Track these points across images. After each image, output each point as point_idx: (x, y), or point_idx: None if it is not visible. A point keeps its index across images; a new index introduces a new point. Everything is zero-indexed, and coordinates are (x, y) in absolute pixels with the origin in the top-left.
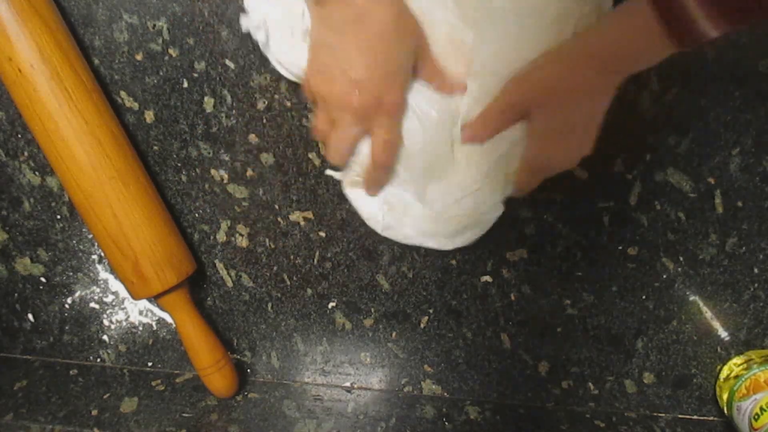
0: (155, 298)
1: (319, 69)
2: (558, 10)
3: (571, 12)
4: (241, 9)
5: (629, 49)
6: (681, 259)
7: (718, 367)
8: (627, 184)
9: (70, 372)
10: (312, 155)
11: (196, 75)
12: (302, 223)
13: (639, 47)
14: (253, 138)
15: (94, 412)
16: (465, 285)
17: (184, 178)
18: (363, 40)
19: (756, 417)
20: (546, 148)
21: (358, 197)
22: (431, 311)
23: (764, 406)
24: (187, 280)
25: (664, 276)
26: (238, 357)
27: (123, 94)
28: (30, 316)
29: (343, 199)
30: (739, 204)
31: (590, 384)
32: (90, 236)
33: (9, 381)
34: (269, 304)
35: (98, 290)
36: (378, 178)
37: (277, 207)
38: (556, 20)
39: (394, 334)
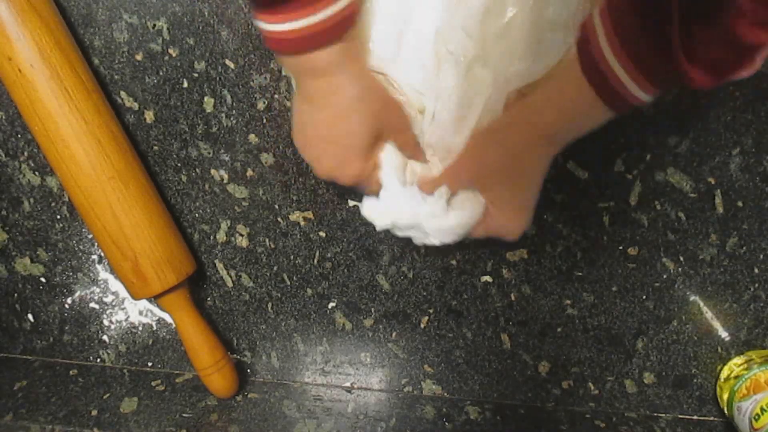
0: (155, 298)
1: (297, 131)
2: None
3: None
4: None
5: (566, 115)
6: (681, 259)
7: (719, 368)
8: (627, 184)
9: (70, 372)
10: None
11: (196, 75)
12: (302, 223)
13: (576, 114)
14: (253, 138)
15: (94, 413)
16: (465, 285)
17: (184, 178)
18: (324, 115)
19: (756, 417)
20: (497, 220)
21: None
22: (431, 311)
23: (765, 407)
24: (187, 280)
25: (665, 276)
26: (238, 357)
27: (123, 94)
28: (30, 316)
29: (343, 199)
30: (740, 204)
31: (590, 384)
32: (90, 236)
33: (9, 381)
34: (269, 304)
35: (98, 290)
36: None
37: (277, 207)
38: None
39: (394, 334)
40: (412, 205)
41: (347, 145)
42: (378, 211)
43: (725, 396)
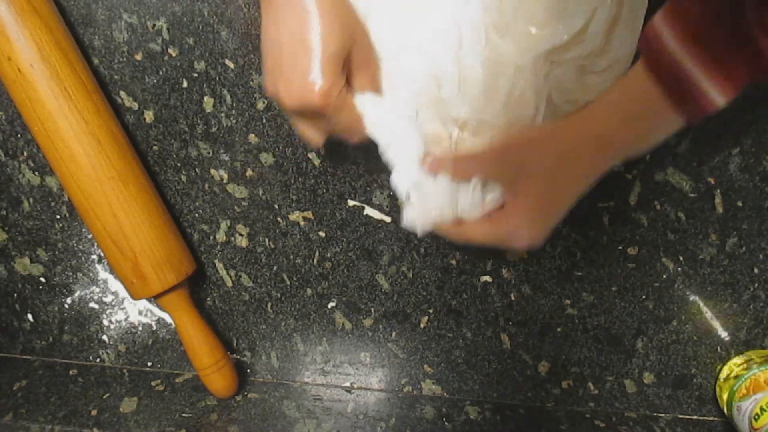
0: (155, 298)
1: (266, 60)
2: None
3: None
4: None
5: (632, 128)
6: (681, 259)
7: (718, 367)
8: (627, 184)
9: (70, 372)
10: (312, 155)
11: (195, 75)
12: (302, 223)
13: (644, 125)
14: (252, 138)
15: (94, 413)
16: (465, 285)
17: (183, 178)
18: (292, 28)
19: (756, 417)
20: (521, 222)
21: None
22: (431, 311)
23: (764, 406)
24: (186, 280)
25: (664, 276)
26: (238, 357)
27: (123, 94)
28: (29, 316)
29: (343, 199)
30: (739, 204)
31: (590, 384)
32: (90, 236)
33: (8, 381)
34: (269, 304)
35: (98, 290)
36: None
37: (277, 207)
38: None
39: (394, 334)
40: (450, 201)
41: (315, 54)
42: (418, 217)
43: (725, 396)
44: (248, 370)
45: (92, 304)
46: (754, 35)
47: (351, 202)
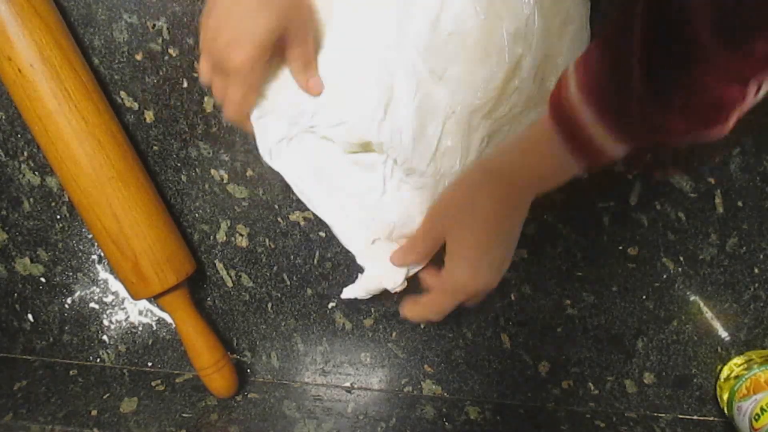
0: (155, 298)
1: (206, 8)
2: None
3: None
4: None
5: (535, 170)
6: (681, 259)
7: (719, 367)
8: (627, 184)
9: (70, 372)
10: None
11: (195, 75)
12: (302, 223)
13: (545, 168)
14: (253, 138)
15: (94, 413)
16: None
17: (184, 178)
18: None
19: (756, 417)
20: (466, 273)
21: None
22: None
23: (765, 407)
24: (186, 280)
25: (664, 276)
26: (238, 357)
27: (123, 94)
28: (30, 316)
29: None
30: (740, 204)
31: (590, 384)
32: (90, 236)
33: (9, 381)
34: (269, 304)
35: (98, 290)
36: None
37: (277, 207)
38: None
39: (394, 334)
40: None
41: (242, 30)
42: (369, 283)
43: (725, 396)
44: (248, 370)
45: (92, 304)
46: (648, 106)
47: None
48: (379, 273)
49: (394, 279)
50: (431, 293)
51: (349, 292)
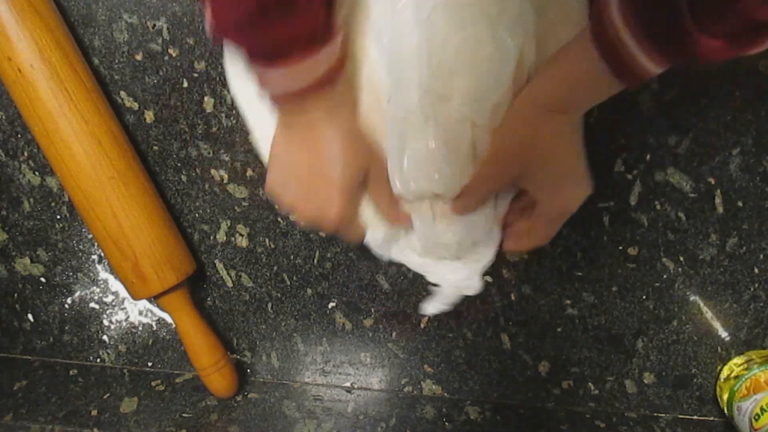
0: (155, 298)
1: (273, 175)
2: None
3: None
4: None
5: (577, 90)
6: (681, 259)
7: (719, 367)
8: (627, 184)
9: (70, 372)
10: None
11: (196, 75)
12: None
13: (586, 87)
14: (252, 138)
15: (94, 413)
16: None
17: (184, 178)
18: (314, 154)
19: (756, 417)
20: (546, 199)
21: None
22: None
23: (765, 407)
24: (186, 280)
25: (664, 276)
26: (238, 357)
27: (123, 94)
28: (30, 316)
29: None
30: (740, 204)
31: (590, 384)
32: (90, 236)
33: (9, 381)
34: (269, 304)
35: (98, 290)
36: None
37: (277, 207)
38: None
39: (394, 334)
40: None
41: (334, 186)
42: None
43: (725, 396)
44: (248, 370)
45: (92, 304)
46: (688, 27)
47: None
48: (456, 283)
49: (472, 285)
50: (535, 224)
51: (431, 308)
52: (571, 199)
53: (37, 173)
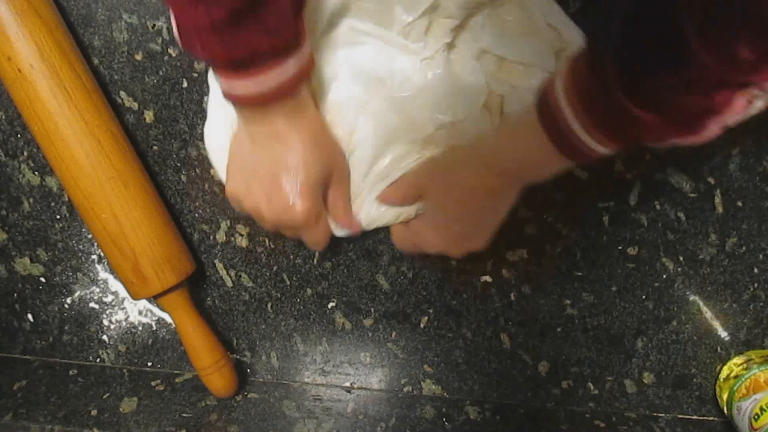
0: (155, 298)
1: (234, 178)
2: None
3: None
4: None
5: (522, 158)
6: (681, 259)
7: (718, 367)
8: (627, 184)
9: (70, 372)
10: None
11: (196, 75)
12: None
13: (532, 158)
14: None
15: (94, 413)
16: (465, 285)
17: (183, 178)
18: (278, 156)
19: (756, 417)
20: (430, 232)
21: None
22: (431, 311)
23: (764, 406)
24: (186, 280)
25: (664, 276)
26: (238, 357)
27: (123, 94)
28: (29, 316)
29: None
30: (739, 204)
31: (590, 384)
32: (90, 236)
33: (8, 381)
34: (269, 304)
35: (98, 290)
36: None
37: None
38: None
39: (394, 334)
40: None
41: (298, 187)
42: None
43: (725, 396)
44: (248, 370)
45: (92, 304)
46: (627, 105)
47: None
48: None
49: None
50: (404, 235)
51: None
52: (432, 241)
53: (36, 173)
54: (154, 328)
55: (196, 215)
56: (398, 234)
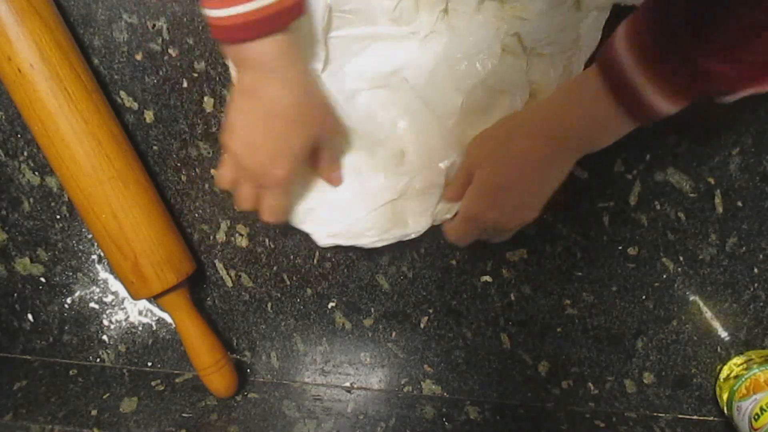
0: (155, 298)
1: (229, 122)
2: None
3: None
4: None
5: (579, 124)
6: (681, 259)
7: (718, 367)
8: (627, 184)
9: (70, 372)
10: None
11: (195, 75)
12: None
13: (590, 123)
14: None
15: (94, 412)
16: (465, 285)
17: (183, 178)
18: (261, 112)
19: (756, 417)
20: (482, 202)
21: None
22: (431, 311)
23: (764, 406)
24: (186, 280)
25: (664, 276)
26: (238, 357)
27: (123, 94)
28: (29, 316)
29: None
30: (739, 204)
31: (590, 384)
32: (90, 236)
33: (9, 381)
34: (269, 304)
35: (98, 290)
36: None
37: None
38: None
39: (394, 334)
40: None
41: (286, 149)
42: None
43: (725, 396)
44: (248, 370)
45: (92, 304)
46: (695, 58)
47: None
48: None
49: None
50: (456, 218)
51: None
52: (486, 213)
53: (36, 173)
54: (154, 328)
55: (196, 215)
56: (449, 224)
